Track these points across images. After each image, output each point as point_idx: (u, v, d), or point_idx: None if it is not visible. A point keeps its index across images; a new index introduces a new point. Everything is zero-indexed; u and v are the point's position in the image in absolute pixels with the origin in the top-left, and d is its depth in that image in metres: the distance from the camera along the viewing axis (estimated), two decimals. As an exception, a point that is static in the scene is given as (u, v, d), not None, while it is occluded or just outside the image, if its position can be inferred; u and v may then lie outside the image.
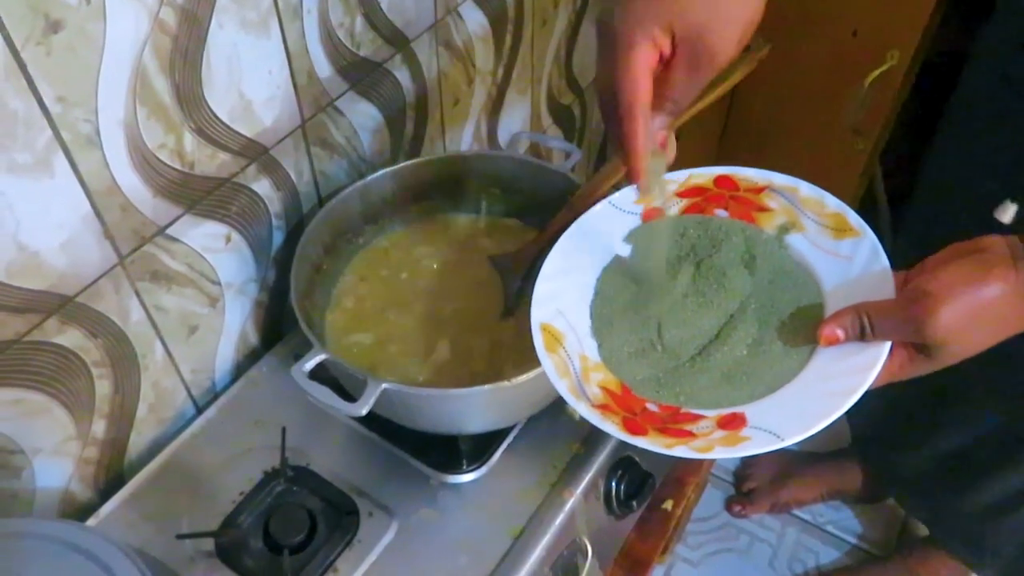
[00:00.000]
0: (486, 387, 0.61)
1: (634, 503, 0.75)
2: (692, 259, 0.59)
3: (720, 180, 0.62)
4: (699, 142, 1.36)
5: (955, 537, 1.16)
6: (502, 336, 0.73)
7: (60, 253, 0.58)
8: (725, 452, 0.48)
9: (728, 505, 1.40)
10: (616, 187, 0.64)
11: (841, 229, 0.56)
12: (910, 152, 1.12)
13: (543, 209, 0.81)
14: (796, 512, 1.39)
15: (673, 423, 0.51)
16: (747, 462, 1.44)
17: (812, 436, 0.47)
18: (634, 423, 0.51)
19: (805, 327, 0.54)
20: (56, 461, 0.66)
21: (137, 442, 0.74)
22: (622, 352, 0.56)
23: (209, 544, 0.66)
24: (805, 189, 0.59)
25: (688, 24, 0.47)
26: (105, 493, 0.71)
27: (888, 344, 0.49)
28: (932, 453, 1.07)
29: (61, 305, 0.60)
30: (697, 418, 0.52)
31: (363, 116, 0.83)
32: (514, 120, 1.14)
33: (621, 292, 0.59)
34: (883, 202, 1.30)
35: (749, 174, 0.61)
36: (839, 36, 1.07)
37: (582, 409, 0.51)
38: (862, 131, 1.12)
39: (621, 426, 0.50)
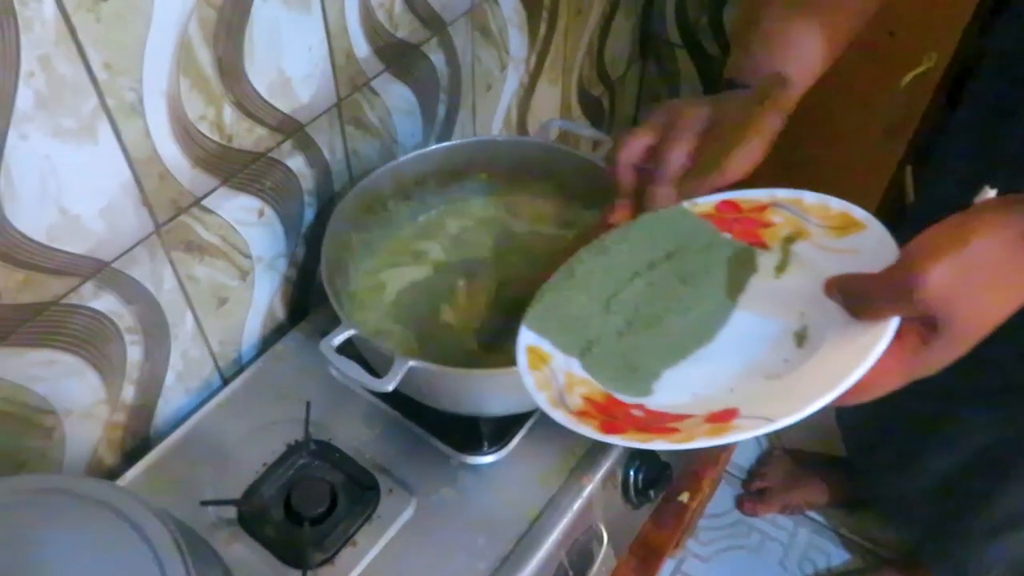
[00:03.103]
0: (512, 369, 0.61)
1: (651, 493, 0.75)
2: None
3: (722, 206, 0.61)
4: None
5: (942, 560, 1.14)
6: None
7: (99, 219, 0.59)
8: (707, 441, 0.46)
9: (739, 503, 1.40)
10: None
11: (846, 226, 0.55)
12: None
13: (572, 195, 0.82)
14: (808, 513, 1.39)
15: (659, 424, 0.50)
16: (761, 461, 1.44)
17: (805, 417, 0.44)
18: (613, 425, 0.50)
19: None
20: (86, 423, 0.67)
21: (164, 410, 0.75)
22: (604, 366, 0.56)
23: (231, 512, 0.67)
24: (809, 198, 0.58)
25: None
26: (131, 458, 0.73)
27: (892, 323, 0.45)
28: (923, 476, 1.05)
29: (98, 270, 0.61)
30: (685, 417, 0.50)
31: (397, 98, 0.84)
32: (544, 109, 1.15)
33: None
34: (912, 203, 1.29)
35: (751, 195, 0.60)
36: (876, 36, 1.06)
37: (558, 416, 0.51)
38: (895, 133, 1.11)
39: (598, 428, 0.49)
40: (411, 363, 0.60)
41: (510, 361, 0.56)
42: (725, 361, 0.54)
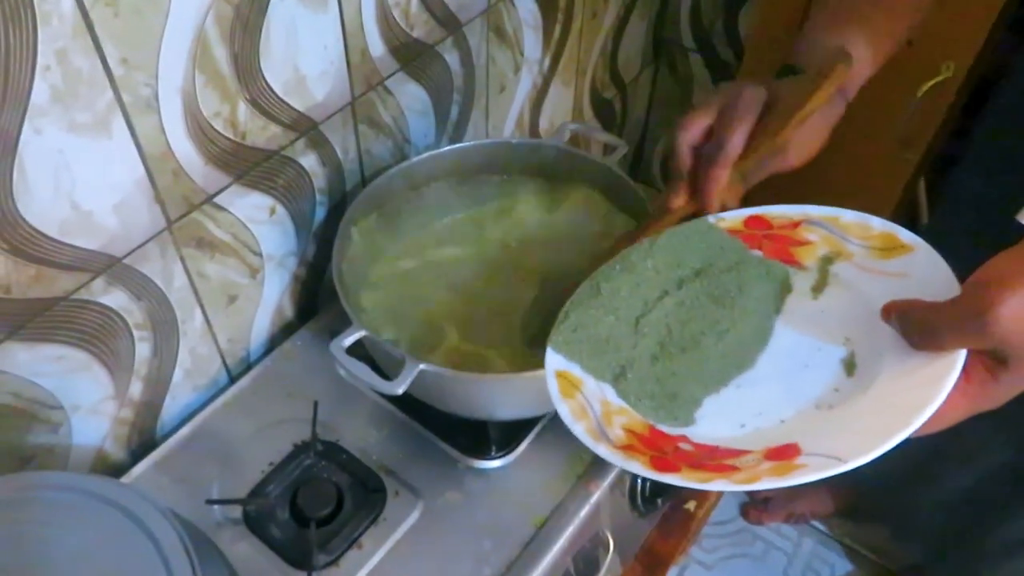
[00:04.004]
0: (522, 374, 0.61)
1: (659, 501, 0.75)
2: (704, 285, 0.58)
3: (751, 221, 0.59)
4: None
5: None
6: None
7: (112, 214, 0.59)
8: (775, 482, 0.43)
9: (744, 511, 1.39)
10: None
11: (891, 248, 0.53)
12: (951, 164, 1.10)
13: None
14: (813, 522, 1.38)
15: (711, 459, 0.48)
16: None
17: (880, 456, 0.41)
18: (664, 461, 0.47)
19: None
20: (93, 419, 0.67)
21: (171, 407, 0.74)
22: (641, 394, 0.53)
23: (237, 511, 0.67)
24: (847, 216, 0.56)
25: None
26: (137, 455, 0.72)
27: (960, 355, 0.43)
28: (937, 491, 1.04)
29: (109, 266, 0.61)
30: (740, 453, 0.47)
31: (411, 97, 0.83)
32: (556, 111, 1.14)
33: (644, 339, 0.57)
34: (924, 216, 1.28)
35: (782, 210, 0.58)
36: (892, 45, 1.06)
37: (601, 451, 0.48)
38: (910, 143, 1.10)
39: (648, 464, 0.47)
40: (422, 366, 0.60)
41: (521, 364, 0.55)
42: (769, 388, 0.52)
